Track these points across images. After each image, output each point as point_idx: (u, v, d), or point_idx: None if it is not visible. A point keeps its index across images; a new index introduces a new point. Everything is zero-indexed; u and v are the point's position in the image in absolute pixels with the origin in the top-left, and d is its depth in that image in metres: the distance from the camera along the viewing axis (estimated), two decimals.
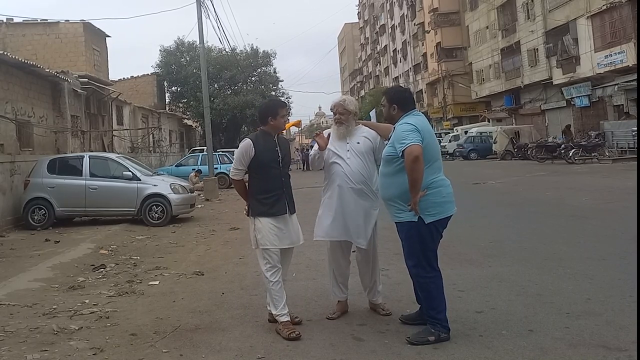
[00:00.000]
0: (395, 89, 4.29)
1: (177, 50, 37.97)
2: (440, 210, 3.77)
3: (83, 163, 11.72)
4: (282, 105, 4.40)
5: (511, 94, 34.80)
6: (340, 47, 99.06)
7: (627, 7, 22.58)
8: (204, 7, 19.09)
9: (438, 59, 45.03)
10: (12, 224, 11.49)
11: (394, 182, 3.84)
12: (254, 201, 4.21)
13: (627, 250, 5.83)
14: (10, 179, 11.82)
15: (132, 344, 4.04)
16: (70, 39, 21.55)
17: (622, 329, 3.68)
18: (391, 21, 62.09)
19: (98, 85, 20.12)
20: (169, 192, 11.54)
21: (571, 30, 26.79)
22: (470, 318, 4.11)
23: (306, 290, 5.23)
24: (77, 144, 17.44)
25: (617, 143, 22.07)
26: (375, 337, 3.87)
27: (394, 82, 58.11)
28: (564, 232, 7.42)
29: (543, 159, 23.64)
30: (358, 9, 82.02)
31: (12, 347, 4.07)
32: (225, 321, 4.45)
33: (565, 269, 5.40)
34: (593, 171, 17.28)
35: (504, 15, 34.60)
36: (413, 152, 3.58)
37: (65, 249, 8.54)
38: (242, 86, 39.01)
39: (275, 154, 4.22)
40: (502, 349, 3.49)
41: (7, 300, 5.50)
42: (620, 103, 24.28)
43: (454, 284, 4.90)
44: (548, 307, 4.25)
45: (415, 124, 3.75)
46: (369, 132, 4.39)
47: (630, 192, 10.35)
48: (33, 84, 14.80)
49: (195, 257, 7.57)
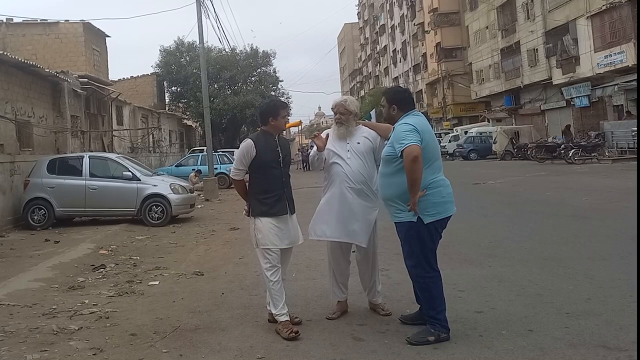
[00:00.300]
0: (395, 89, 4.30)
1: (177, 50, 37.98)
2: (439, 210, 3.77)
3: (83, 163, 11.73)
4: (283, 105, 4.40)
5: (511, 94, 34.83)
6: (340, 47, 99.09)
7: (627, 7, 22.59)
8: (203, 7, 19.12)
9: (438, 59, 45.06)
10: (12, 224, 11.48)
11: (393, 182, 3.84)
12: (255, 201, 4.21)
13: (627, 250, 5.84)
14: (10, 179, 11.82)
15: (132, 344, 4.04)
16: (70, 39, 21.56)
17: (622, 329, 3.68)
18: (391, 21, 62.10)
19: (98, 85, 20.14)
20: (168, 192, 11.55)
21: (571, 30, 26.80)
22: (470, 318, 4.11)
23: (306, 290, 5.23)
24: (77, 144, 17.44)
25: (617, 143, 22.07)
26: (375, 337, 3.88)
27: (394, 82, 58.11)
28: (564, 232, 7.42)
29: (543, 159, 23.63)
30: (358, 9, 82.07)
31: (12, 347, 4.07)
32: (225, 321, 4.45)
33: (565, 269, 5.40)
34: (593, 171, 17.28)
35: (503, 16, 34.60)
36: (412, 152, 3.58)
37: (65, 249, 8.54)
38: (242, 86, 39.04)
39: (276, 154, 4.23)
40: (502, 349, 3.49)
41: (7, 300, 5.50)
42: (620, 103, 24.29)
43: (454, 284, 4.90)
44: (548, 307, 4.25)
45: (415, 124, 3.76)
46: (369, 132, 4.39)
47: (630, 192, 10.35)
48: (33, 84, 14.80)
49: (195, 257, 7.57)
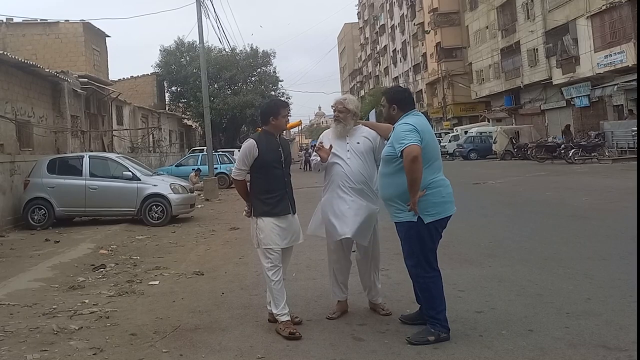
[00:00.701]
0: (395, 89, 4.31)
1: (177, 50, 37.98)
2: (439, 210, 3.78)
3: (83, 163, 11.73)
4: (284, 105, 4.40)
5: (511, 94, 34.82)
6: (340, 47, 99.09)
7: (627, 7, 22.58)
8: (203, 7, 19.11)
9: (438, 59, 45.06)
10: (12, 224, 11.48)
11: (393, 182, 3.84)
12: (257, 201, 4.20)
13: (627, 250, 5.84)
14: (10, 178, 11.82)
15: (132, 343, 4.04)
16: (70, 39, 21.57)
17: (622, 329, 3.68)
18: (391, 21, 62.10)
19: (98, 85, 20.13)
20: (168, 192, 11.55)
21: (571, 30, 26.79)
22: (470, 318, 4.11)
23: (306, 290, 5.23)
24: (77, 144, 17.43)
25: (617, 143, 22.05)
26: (375, 337, 3.88)
27: (394, 82, 58.11)
28: (564, 232, 7.42)
29: (543, 159, 23.64)
30: (358, 9, 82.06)
31: (12, 347, 4.07)
32: (225, 321, 4.45)
33: (565, 269, 5.40)
34: (593, 171, 17.28)
35: (503, 15, 34.60)
36: (412, 153, 3.58)
37: (65, 249, 8.54)
38: (242, 86, 39.02)
39: (278, 154, 4.23)
40: (502, 349, 3.49)
41: (7, 300, 5.50)
42: (620, 103, 24.28)
43: (454, 284, 4.90)
44: (548, 307, 4.25)
45: (414, 124, 3.76)
46: (368, 132, 4.39)
47: (630, 192, 10.35)
48: (33, 84, 14.80)
49: (195, 257, 7.57)
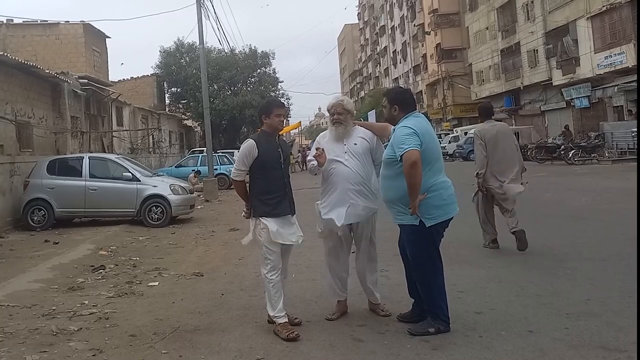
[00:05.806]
0: (396, 89, 4.33)
1: (177, 51, 38.03)
2: (440, 213, 3.79)
3: (83, 164, 11.72)
4: (277, 104, 4.35)
5: (511, 95, 34.82)
6: (340, 48, 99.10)
7: (627, 8, 22.60)
8: (204, 7, 19.12)
9: (438, 60, 45.07)
10: (11, 224, 11.48)
11: (394, 185, 3.85)
12: (257, 202, 4.19)
13: (626, 251, 5.83)
14: (10, 179, 11.81)
15: (131, 344, 4.04)
16: (70, 40, 21.56)
17: (621, 330, 3.68)
18: (391, 22, 62.12)
19: (98, 86, 20.14)
20: (168, 193, 11.55)
21: (571, 31, 26.81)
22: (470, 319, 4.11)
23: (305, 291, 5.23)
24: (76, 144, 17.44)
25: (616, 144, 22.06)
26: (375, 337, 3.87)
27: (394, 83, 58.13)
28: (563, 233, 7.42)
29: (543, 159, 23.61)
30: (358, 10, 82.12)
31: (12, 348, 4.07)
32: (224, 322, 4.45)
33: (564, 269, 5.40)
34: (593, 172, 17.27)
35: (503, 16, 34.61)
36: (411, 158, 3.59)
37: (64, 250, 8.54)
38: (242, 87, 39.08)
39: (277, 154, 4.22)
40: (502, 350, 3.49)
41: (6, 301, 5.49)
42: (620, 104, 24.26)
43: (453, 285, 4.89)
44: (547, 308, 4.25)
45: (414, 126, 3.76)
46: (365, 132, 4.39)
47: (629, 193, 10.34)
48: (33, 85, 14.81)
49: (194, 258, 7.57)
